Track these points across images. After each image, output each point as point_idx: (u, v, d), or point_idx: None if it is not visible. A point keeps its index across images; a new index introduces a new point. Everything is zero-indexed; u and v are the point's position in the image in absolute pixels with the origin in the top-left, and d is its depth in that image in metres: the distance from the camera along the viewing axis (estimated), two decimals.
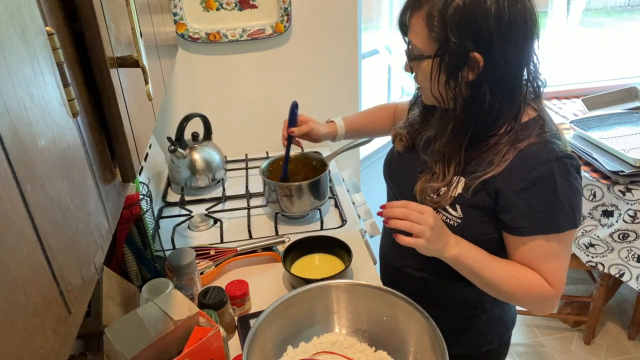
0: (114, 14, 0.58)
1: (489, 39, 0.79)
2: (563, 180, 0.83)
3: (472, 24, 0.78)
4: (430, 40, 0.84)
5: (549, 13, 2.58)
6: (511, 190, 0.85)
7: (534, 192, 0.83)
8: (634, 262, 1.81)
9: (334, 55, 1.74)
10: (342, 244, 1.18)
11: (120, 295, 0.99)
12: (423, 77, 0.89)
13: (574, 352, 2.15)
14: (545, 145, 0.84)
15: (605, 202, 1.81)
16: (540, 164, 0.83)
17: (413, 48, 0.88)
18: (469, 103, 0.85)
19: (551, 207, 0.83)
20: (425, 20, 0.83)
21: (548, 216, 0.84)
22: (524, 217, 0.85)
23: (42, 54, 0.40)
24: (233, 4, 1.60)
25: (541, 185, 0.83)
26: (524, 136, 0.85)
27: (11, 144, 0.33)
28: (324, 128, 1.31)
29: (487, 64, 0.81)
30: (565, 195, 0.83)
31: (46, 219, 0.37)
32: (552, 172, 0.82)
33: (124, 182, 0.63)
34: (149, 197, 1.14)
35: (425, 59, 0.86)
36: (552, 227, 0.84)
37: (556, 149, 0.84)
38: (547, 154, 0.83)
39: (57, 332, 0.37)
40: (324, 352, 0.89)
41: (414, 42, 0.87)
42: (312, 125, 1.29)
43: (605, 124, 2.06)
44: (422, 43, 0.85)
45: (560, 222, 0.84)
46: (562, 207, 0.83)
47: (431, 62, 0.85)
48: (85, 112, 0.51)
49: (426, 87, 0.90)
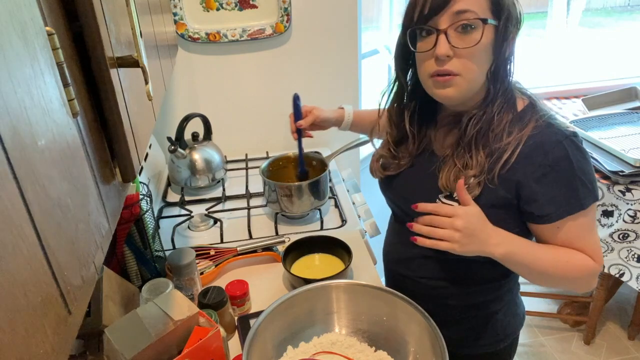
0: (114, 14, 0.58)
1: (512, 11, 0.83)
2: (577, 158, 0.83)
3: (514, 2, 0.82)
4: (489, 10, 0.81)
5: (549, 13, 2.58)
6: (532, 178, 0.84)
7: (554, 176, 0.83)
8: (634, 262, 1.81)
9: (334, 55, 1.74)
10: (342, 244, 1.18)
11: (120, 295, 0.99)
12: (477, 52, 0.81)
13: (574, 352, 2.15)
14: (548, 127, 0.85)
15: (605, 202, 1.81)
16: (552, 146, 0.83)
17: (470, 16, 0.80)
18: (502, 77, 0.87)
19: (573, 187, 0.84)
20: None
21: (572, 196, 0.84)
22: (550, 203, 0.85)
23: (42, 54, 0.40)
24: (233, 4, 1.60)
25: (559, 168, 0.83)
26: (526, 121, 0.86)
27: (11, 144, 0.33)
28: (330, 112, 1.32)
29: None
30: (582, 171, 0.84)
31: (46, 219, 0.37)
32: (566, 152, 0.83)
33: (124, 182, 0.63)
34: (149, 197, 1.14)
35: (491, 26, 0.81)
36: (577, 206, 0.84)
37: (560, 129, 0.85)
38: (554, 135, 0.84)
39: (57, 332, 0.37)
40: (324, 352, 0.89)
41: (474, 9, 0.79)
42: (316, 113, 1.29)
43: (605, 124, 2.06)
44: (483, 11, 0.80)
45: (583, 199, 0.84)
46: (583, 183, 0.84)
47: (494, 31, 0.82)
48: (85, 112, 0.51)
49: (472, 67, 0.83)
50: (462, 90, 0.85)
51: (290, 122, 1.32)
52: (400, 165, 1.01)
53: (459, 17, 0.80)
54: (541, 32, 3.21)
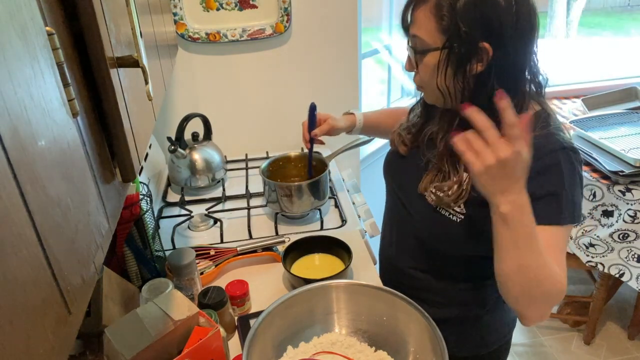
0: (114, 14, 0.58)
1: (498, 28, 0.79)
2: (568, 172, 0.82)
3: (483, 13, 0.78)
4: (438, 32, 0.82)
5: (549, 13, 2.59)
6: None
7: (540, 180, 0.82)
8: (634, 262, 1.81)
9: (334, 55, 1.74)
10: (342, 244, 1.18)
11: (120, 295, 0.99)
12: (428, 72, 0.87)
13: (574, 352, 2.15)
14: (550, 137, 0.84)
15: (605, 202, 1.81)
16: (545, 153, 0.82)
17: (418, 42, 0.86)
18: (474, 96, 0.84)
19: (557, 197, 0.82)
20: (434, 10, 0.82)
21: (553, 206, 0.82)
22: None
23: (42, 54, 0.40)
24: (233, 4, 1.60)
25: (547, 174, 0.82)
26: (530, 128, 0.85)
27: (11, 144, 0.33)
28: (343, 122, 1.32)
29: (495, 54, 0.80)
30: (571, 186, 0.82)
31: (46, 219, 0.37)
32: (558, 161, 0.82)
33: (124, 182, 0.63)
34: (149, 197, 1.14)
35: (433, 52, 0.84)
36: (555, 219, 0.82)
37: (561, 140, 0.84)
38: (552, 144, 0.83)
39: (57, 332, 0.37)
40: (324, 352, 0.89)
41: (420, 35, 0.85)
42: (332, 123, 1.29)
43: (605, 124, 2.06)
44: (429, 35, 0.84)
45: (564, 214, 0.82)
46: (567, 198, 0.82)
47: (439, 54, 0.84)
48: (85, 112, 0.51)
49: (431, 83, 0.88)
50: (433, 98, 0.92)
51: (304, 130, 1.31)
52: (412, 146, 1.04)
53: (413, 40, 0.88)
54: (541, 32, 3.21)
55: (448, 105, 0.90)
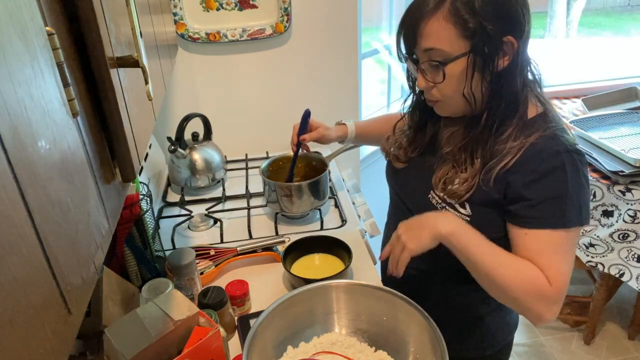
0: (114, 14, 0.58)
1: (517, 17, 0.80)
2: (573, 174, 0.82)
3: (500, 6, 0.79)
4: (459, 38, 0.80)
5: (549, 13, 2.59)
6: (520, 183, 0.84)
7: (543, 183, 0.82)
8: (634, 262, 1.81)
9: (334, 55, 1.74)
10: (342, 244, 1.18)
11: (120, 295, 0.99)
12: (453, 82, 0.84)
13: (574, 352, 2.15)
14: (553, 138, 0.84)
15: (605, 202, 1.81)
16: (550, 156, 0.82)
17: (437, 55, 0.82)
18: (501, 94, 0.84)
19: (561, 200, 0.81)
20: (450, 18, 0.79)
21: (557, 209, 0.81)
22: (531, 208, 0.83)
23: (42, 54, 0.40)
24: (233, 4, 1.60)
25: (551, 177, 0.82)
26: (533, 130, 0.85)
27: (11, 144, 0.33)
28: (335, 132, 1.32)
29: (519, 45, 0.81)
30: (575, 188, 0.82)
31: (46, 219, 0.37)
32: (562, 164, 0.81)
33: (124, 182, 0.63)
34: (149, 197, 1.14)
35: (458, 59, 0.81)
36: (560, 222, 0.81)
37: (565, 142, 0.83)
38: (556, 146, 0.83)
39: (57, 332, 0.37)
40: (324, 352, 0.89)
41: (439, 46, 0.81)
42: (322, 132, 1.29)
43: (605, 124, 2.06)
44: (450, 44, 0.81)
45: (569, 217, 0.81)
46: (572, 201, 0.81)
47: (465, 60, 0.81)
48: (85, 112, 0.51)
49: (456, 93, 0.85)
50: (449, 110, 0.92)
51: (293, 133, 1.31)
52: (408, 158, 1.04)
53: (427, 54, 0.84)
54: (541, 32, 3.22)
55: (471, 112, 0.89)
